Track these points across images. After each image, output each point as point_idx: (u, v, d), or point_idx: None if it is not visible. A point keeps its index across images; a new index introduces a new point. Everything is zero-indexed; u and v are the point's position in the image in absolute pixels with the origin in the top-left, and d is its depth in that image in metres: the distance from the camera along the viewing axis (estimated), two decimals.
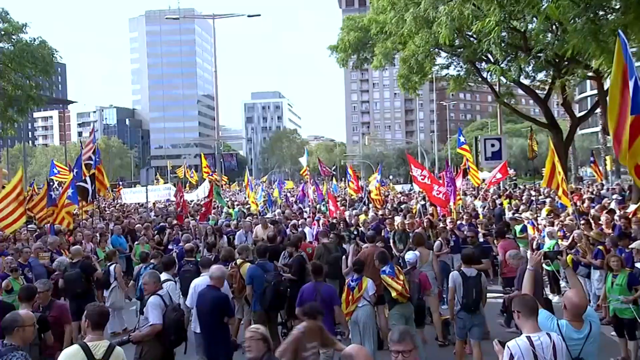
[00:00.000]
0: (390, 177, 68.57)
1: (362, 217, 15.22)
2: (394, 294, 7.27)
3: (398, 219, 13.69)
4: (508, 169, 52.51)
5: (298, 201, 26.33)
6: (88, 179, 15.84)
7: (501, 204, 17.80)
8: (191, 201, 27.95)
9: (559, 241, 11.01)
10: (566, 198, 10.26)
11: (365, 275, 8.20)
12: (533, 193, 21.40)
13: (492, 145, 21.35)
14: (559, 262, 5.20)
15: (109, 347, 4.42)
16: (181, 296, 8.20)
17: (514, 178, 39.78)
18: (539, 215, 14.19)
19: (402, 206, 20.12)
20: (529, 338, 3.87)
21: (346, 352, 3.31)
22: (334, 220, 14.67)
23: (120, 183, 48.93)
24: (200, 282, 7.09)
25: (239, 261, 8.61)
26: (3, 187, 24.05)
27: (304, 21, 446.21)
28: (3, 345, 4.38)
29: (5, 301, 6.62)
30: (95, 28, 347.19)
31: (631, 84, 4.85)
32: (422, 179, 13.23)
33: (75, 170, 16.18)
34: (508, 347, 3.89)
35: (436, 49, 20.23)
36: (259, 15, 27.34)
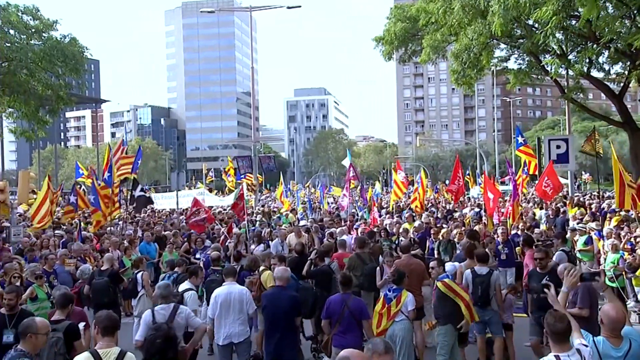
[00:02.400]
0: (447, 181, 67.77)
1: (407, 226, 15.34)
2: (462, 304, 7.52)
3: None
4: (583, 173, 50.52)
5: (339, 208, 26.56)
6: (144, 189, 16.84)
7: (564, 212, 17.44)
8: (227, 206, 28.70)
9: (625, 255, 10.79)
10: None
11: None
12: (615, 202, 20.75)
13: (558, 147, 20.69)
14: (598, 284, 5.31)
15: (119, 354, 4.81)
16: (206, 306, 8.65)
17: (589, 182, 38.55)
18: (607, 225, 13.89)
19: (456, 214, 20.08)
20: (557, 357, 4.11)
21: (342, 355, 3.48)
22: (375, 229, 14.87)
23: (147, 187, 50.61)
24: (221, 292, 7.47)
25: (261, 268, 9.00)
26: (33, 192, 25.54)
27: (352, 12, 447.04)
28: (15, 350, 4.86)
29: (25, 309, 7.15)
30: (130, 22, 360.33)
31: None
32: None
33: (105, 175, 17.17)
34: None
35: (494, 40, 20.01)
36: (299, 6, 27.84)
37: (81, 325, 5.89)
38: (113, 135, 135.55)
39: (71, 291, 8.57)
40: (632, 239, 11.18)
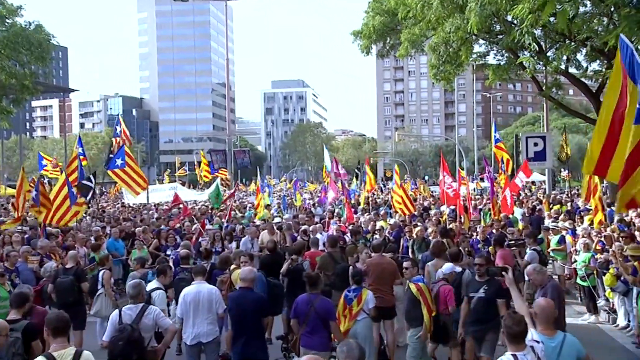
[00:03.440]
0: (426, 177, 68.38)
1: (382, 223, 15.50)
2: (425, 311, 7.57)
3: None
4: (562, 170, 51.34)
5: (316, 205, 26.69)
6: (92, 177, 16.58)
7: (540, 210, 17.82)
8: (201, 202, 28.61)
9: (597, 255, 11.11)
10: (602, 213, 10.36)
11: (372, 287, 8.54)
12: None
13: (535, 145, 21.11)
14: (507, 281, 5.77)
15: (75, 354, 4.87)
16: (174, 305, 8.70)
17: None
18: (580, 224, 14.27)
19: (432, 212, 20.31)
20: (514, 356, 4.44)
21: None
22: (351, 227, 15.01)
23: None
24: (190, 291, 7.53)
25: (232, 267, 9.09)
26: None
27: (333, 2, 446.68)
28: None
29: None
30: (102, 8, 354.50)
31: None
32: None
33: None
34: None
35: (473, 36, 20.30)
36: None
37: None
38: (82, 126, 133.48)
39: (33, 290, 8.53)
40: (603, 239, 11.51)
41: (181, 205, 18.62)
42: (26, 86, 23.25)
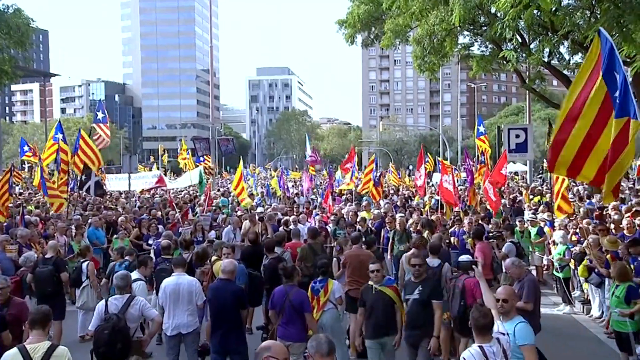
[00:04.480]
0: (410, 167, 68.70)
1: (364, 214, 15.58)
2: (402, 313, 7.36)
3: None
4: (545, 161, 51.98)
5: (300, 194, 26.77)
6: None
7: (520, 201, 18.06)
8: (180, 190, 28.56)
9: (573, 248, 11.33)
10: (566, 204, 10.56)
11: (350, 279, 8.68)
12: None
13: (517, 136, 21.31)
14: (476, 274, 5.93)
15: (49, 348, 4.93)
16: (156, 295, 8.76)
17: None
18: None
19: (414, 203, 20.48)
20: (481, 347, 4.67)
21: (263, 345, 3.70)
22: (332, 217, 15.10)
23: (102, 170, 49.84)
24: (169, 283, 7.61)
25: (213, 258, 9.16)
26: None
27: None
28: None
29: None
30: None
31: (619, 83, 5.24)
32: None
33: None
34: (463, 357, 4.70)
35: (457, 27, 20.36)
36: None
37: None
38: (63, 111, 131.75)
39: (12, 280, 8.52)
40: (578, 230, 11.72)
41: (165, 188, 18.62)
42: (5, 71, 22.98)
